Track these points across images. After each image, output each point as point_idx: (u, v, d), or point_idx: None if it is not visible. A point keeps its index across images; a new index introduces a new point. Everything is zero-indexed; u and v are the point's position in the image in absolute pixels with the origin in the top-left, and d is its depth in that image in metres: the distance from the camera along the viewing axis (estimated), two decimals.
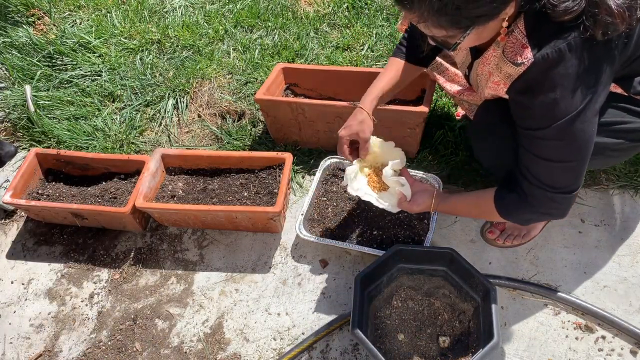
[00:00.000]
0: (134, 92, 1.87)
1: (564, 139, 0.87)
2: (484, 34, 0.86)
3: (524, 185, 0.97)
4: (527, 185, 0.96)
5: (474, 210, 1.14)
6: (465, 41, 0.85)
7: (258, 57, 1.93)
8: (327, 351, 1.24)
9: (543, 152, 0.91)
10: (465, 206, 1.15)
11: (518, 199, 0.99)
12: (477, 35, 0.86)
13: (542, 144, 0.90)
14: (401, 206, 1.20)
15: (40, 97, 1.84)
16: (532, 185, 0.95)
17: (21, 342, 1.32)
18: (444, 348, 1.17)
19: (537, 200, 0.96)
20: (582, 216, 1.42)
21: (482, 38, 0.88)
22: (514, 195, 1.00)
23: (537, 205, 0.97)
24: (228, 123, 1.76)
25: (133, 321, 1.33)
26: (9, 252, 1.51)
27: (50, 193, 1.53)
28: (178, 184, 1.53)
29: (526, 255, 1.36)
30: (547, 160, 0.91)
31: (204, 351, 1.26)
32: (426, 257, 1.21)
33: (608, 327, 1.21)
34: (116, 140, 1.72)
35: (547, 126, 0.86)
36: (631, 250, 1.34)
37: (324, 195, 1.49)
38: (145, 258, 1.46)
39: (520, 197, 0.98)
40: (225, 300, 1.35)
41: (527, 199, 0.97)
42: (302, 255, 1.42)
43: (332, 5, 2.12)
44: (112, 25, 2.10)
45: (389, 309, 1.24)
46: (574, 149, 0.89)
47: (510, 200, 1.02)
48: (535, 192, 0.95)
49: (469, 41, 0.87)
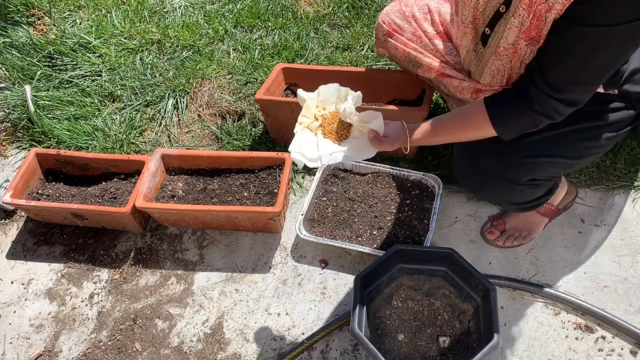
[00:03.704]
0: (134, 92, 1.87)
1: (630, 40, 0.79)
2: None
3: (530, 89, 0.88)
4: (533, 89, 0.88)
5: (457, 125, 1.01)
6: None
7: (258, 57, 1.93)
8: (327, 351, 1.24)
9: (587, 53, 0.80)
10: (446, 123, 1.03)
11: (516, 100, 0.91)
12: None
13: (600, 42, 0.79)
14: (379, 145, 1.04)
15: (40, 97, 1.84)
16: (538, 90, 0.87)
17: (21, 342, 1.32)
18: (444, 348, 1.17)
19: (538, 104, 0.88)
20: (582, 216, 1.42)
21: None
22: (512, 97, 0.92)
23: (537, 107, 0.89)
24: (228, 123, 1.76)
25: (133, 321, 1.33)
26: (8, 252, 1.51)
27: (50, 193, 1.53)
28: (178, 184, 1.53)
29: (526, 255, 1.36)
30: (584, 62, 0.81)
31: (204, 351, 1.26)
32: (426, 257, 1.21)
33: (608, 327, 1.21)
34: (116, 140, 1.72)
35: (631, 20, 0.74)
36: (631, 250, 1.34)
37: (324, 195, 1.49)
38: (145, 258, 1.46)
39: (520, 99, 0.90)
40: (225, 300, 1.35)
41: (529, 102, 0.89)
42: (302, 255, 1.42)
43: (332, 5, 2.12)
44: (112, 25, 2.10)
45: (389, 309, 1.24)
46: (620, 54, 0.81)
47: (506, 102, 0.93)
48: (539, 97, 0.87)
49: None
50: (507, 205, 1.24)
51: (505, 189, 1.09)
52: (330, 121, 1.05)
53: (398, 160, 1.56)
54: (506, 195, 1.13)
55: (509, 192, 1.11)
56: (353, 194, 1.48)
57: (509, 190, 1.10)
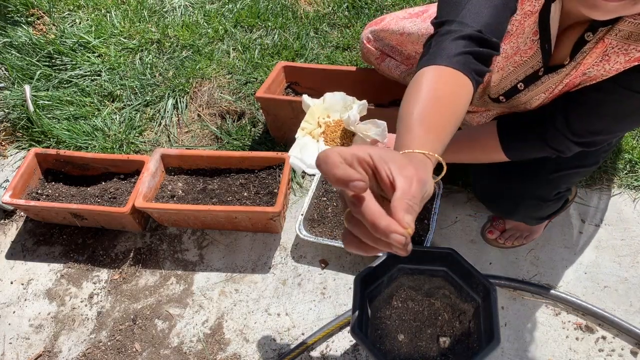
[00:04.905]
0: (133, 92, 1.87)
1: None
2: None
3: (549, 129, 0.84)
4: (552, 129, 0.84)
5: (465, 146, 0.97)
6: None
7: (258, 57, 1.93)
8: (327, 351, 1.23)
9: (621, 114, 0.78)
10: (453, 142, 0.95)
11: (531, 135, 0.87)
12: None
13: (637, 107, 0.76)
14: None
15: (40, 97, 1.83)
16: (558, 131, 0.83)
17: (21, 342, 1.32)
18: (444, 349, 1.16)
19: (554, 143, 0.86)
20: (582, 216, 1.41)
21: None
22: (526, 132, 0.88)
23: (552, 145, 0.86)
24: (228, 123, 1.75)
25: (133, 321, 1.33)
26: (8, 252, 1.51)
27: (50, 193, 1.52)
28: (178, 184, 1.53)
29: (526, 255, 1.35)
30: (614, 121, 0.79)
31: (203, 351, 1.26)
32: (426, 258, 1.21)
33: (608, 327, 1.21)
34: (116, 140, 1.72)
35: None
36: (631, 250, 1.34)
37: (324, 195, 1.49)
38: (144, 258, 1.46)
39: (536, 135, 0.87)
40: (225, 300, 1.35)
41: (544, 140, 0.86)
42: (302, 256, 1.42)
43: (332, 5, 2.11)
44: (112, 25, 2.09)
45: (389, 309, 1.24)
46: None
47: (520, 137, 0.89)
48: (557, 138, 0.84)
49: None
50: (533, 221, 1.24)
51: (535, 207, 1.09)
52: (334, 129, 1.03)
53: None
54: (535, 212, 1.15)
55: (538, 210, 1.12)
56: None
57: (538, 208, 1.11)
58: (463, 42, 0.67)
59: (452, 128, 0.62)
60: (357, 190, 0.40)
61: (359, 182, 0.39)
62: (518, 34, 0.82)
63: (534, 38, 0.81)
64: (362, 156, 0.42)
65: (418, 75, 0.67)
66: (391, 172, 0.43)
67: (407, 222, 0.40)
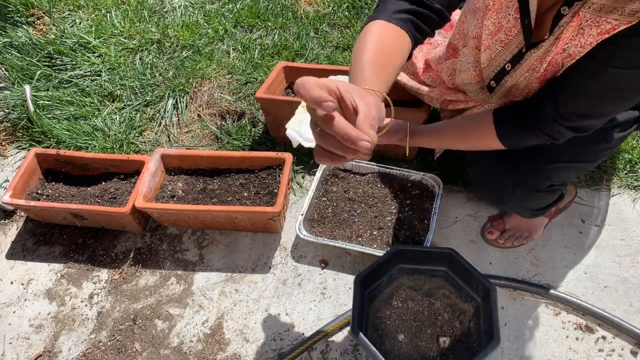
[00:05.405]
0: (133, 92, 1.87)
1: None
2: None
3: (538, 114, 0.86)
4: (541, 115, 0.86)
5: (461, 133, 0.99)
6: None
7: (258, 57, 1.93)
8: (327, 351, 1.23)
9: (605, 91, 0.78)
10: (450, 129, 1.01)
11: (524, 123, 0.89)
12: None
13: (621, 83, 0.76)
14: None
15: (40, 97, 1.84)
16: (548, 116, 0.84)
17: (21, 342, 1.32)
18: (444, 348, 1.16)
19: (546, 128, 0.86)
20: (582, 216, 1.41)
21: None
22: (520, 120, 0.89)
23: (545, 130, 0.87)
24: (228, 123, 1.76)
25: (133, 321, 1.33)
26: (8, 252, 1.51)
27: (50, 193, 1.53)
28: (178, 184, 1.53)
29: (526, 255, 1.35)
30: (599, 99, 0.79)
31: (203, 351, 1.26)
32: (426, 257, 1.21)
33: (608, 327, 1.21)
34: (116, 140, 1.72)
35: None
36: (631, 250, 1.34)
37: (324, 195, 1.49)
38: (144, 258, 1.46)
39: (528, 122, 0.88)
40: (225, 300, 1.35)
41: (536, 126, 0.87)
42: (302, 256, 1.42)
43: (332, 5, 2.11)
44: (112, 25, 2.10)
45: (389, 309, 1.24)
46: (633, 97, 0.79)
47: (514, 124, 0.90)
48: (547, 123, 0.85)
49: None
50: (526, 212, 1.23)
51: (527, 196, 1.09)
52: None
53: (398, 161, 1.56)
54: (527, 203, 1.14)
55: (530, 200, 1.12)
56: (353, 194, 1.48)
57: (530, 198, 1.10)
58: (403, 2, 0.82)
59: (393, 70, 0.76)
60: (329, 109, 0.50)
61: (331, 103, 0.50)
62: (496, 9, 0.84)
63: (516, 16, 0.82)
64: (331, 87, 0.53)
65: (365, 29, 0.81)
66: (354, 100, 0.55)
67: (372, 135, 0.52)
